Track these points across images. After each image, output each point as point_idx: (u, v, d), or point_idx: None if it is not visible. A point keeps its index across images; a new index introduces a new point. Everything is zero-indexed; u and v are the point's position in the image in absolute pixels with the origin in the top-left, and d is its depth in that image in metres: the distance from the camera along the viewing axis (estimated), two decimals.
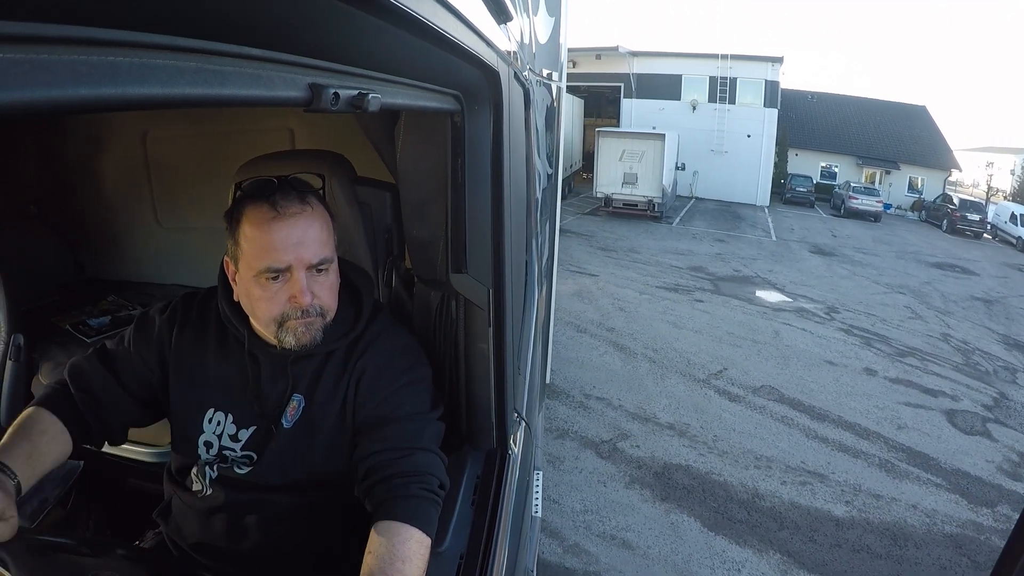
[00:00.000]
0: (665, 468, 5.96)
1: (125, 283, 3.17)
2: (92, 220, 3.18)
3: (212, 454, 1.54)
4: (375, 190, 1.94)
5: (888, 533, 5.39)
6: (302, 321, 1.40)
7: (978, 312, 14.26)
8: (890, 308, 13.33)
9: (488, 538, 1.51)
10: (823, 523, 5.41)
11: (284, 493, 1.51)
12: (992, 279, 18.88)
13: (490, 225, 1.55)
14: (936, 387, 8.97)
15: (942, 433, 7.51)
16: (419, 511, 1.34)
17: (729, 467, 6.11)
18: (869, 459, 6.61)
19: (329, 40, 0.69)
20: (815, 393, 8.15)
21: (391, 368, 1.52)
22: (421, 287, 1.80)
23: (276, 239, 1.35)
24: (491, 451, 1.76)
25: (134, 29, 0.42)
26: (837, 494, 5.89)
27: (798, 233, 23.02)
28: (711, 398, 7.67)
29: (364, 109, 0.80)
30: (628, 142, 22.17)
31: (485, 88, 1.39)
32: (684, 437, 6.60)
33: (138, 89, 0.44)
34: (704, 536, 5.06)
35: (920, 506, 5.87)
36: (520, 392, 2.10)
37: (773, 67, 29.81)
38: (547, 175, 4.37)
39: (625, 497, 5.43)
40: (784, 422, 7.22)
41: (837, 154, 35.56)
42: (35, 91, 0.36)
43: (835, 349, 10.13)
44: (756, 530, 5.20)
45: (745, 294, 13.18)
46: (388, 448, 1.41)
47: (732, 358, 9.12)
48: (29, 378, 2.55)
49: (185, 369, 1.57)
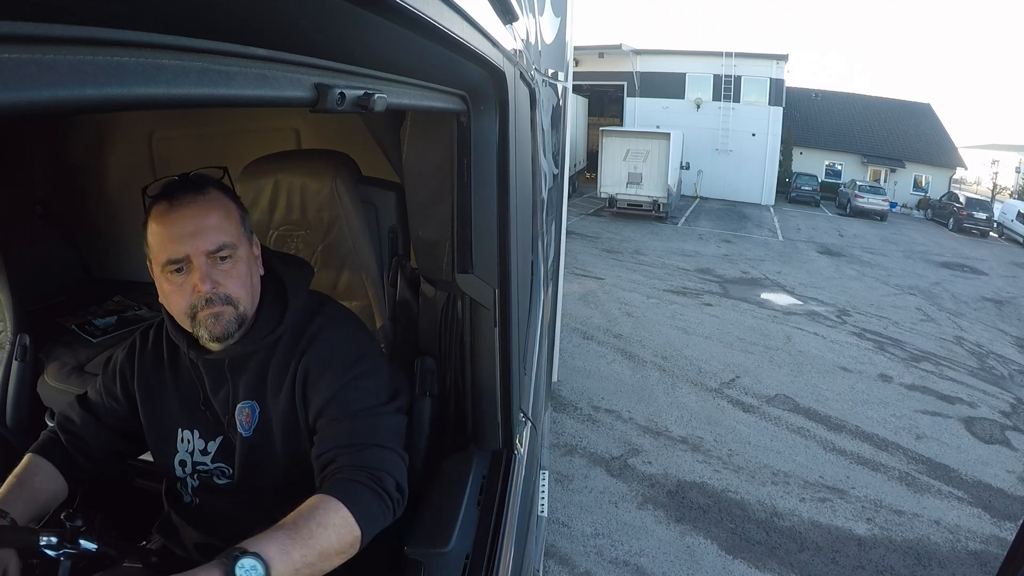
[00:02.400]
0: (679, 486, 5.74)
1: (131, 283, 3.19)
2: (98, 220, 3.19)
3: (187, 472, 1.57)
4: (381, 190, 1.96)
5: (911, 552, 5.18)
6: (208, 311, 1.38)
7: (990, 313, 14.05)
8: (901, 310, 13.12)
9: (494, 538, 1.53)
10: (845, 543, 5.18)
11: (264, 497, 1.52)
12: (1001, 279, 18.64)
13: (496, 225, 1.56)
14: (952, 393, 8.72)
15: (961, 443, 7.27)
16: (356, 495, 1.31)
17: (745, 484, 5.88)
18: (889, 472, 6.38)
19: (335, 40, 0.69)
20: (830, 402, 7.91)
21: (336, 362, 1.49)
22: (427, 287, 1.83)
23: (172, 230, 1.35)
24: (497, 451, 1.78)
25: (140, 29, 0.43)
26: (858, 511, 5.66)
27: (805, 233, 22.80)
28: (724, 409, 7.43)
29: (370, 109, 0.80)
30: (632, 141, 21.92)
31: (491, 88, 1.40)
32: (698, 452, 6.38)
33: (144, 89, 0.44)
34: (722, 560, 4.83)
35: (943, 522, 5.65)
36: (526, 392, 2.12)
37: (778, 65, 29.56)
38: (552, 175, 4.35)
39: (638, 519, 5.21)
40: (800, 434, 6.99)
41: (842, 152, 35.34)
42: (41, 91, 0.36)
43: (848, 354, 9.88)
44: (775, 552, 4.98)
45: (754, 297, 12.95)
46: (338, 446, 1.40)
47: (744, 365, 8.88)
48: (35, 378, 2.57)
49: (150, 396, 1.59)
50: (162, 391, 1.59)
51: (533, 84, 2.23)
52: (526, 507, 1.97)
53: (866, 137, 35.80)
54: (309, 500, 1.29)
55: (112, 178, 3.12)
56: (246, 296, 1.43)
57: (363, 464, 1.36)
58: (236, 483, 1.53)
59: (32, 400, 2.57)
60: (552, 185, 4.33)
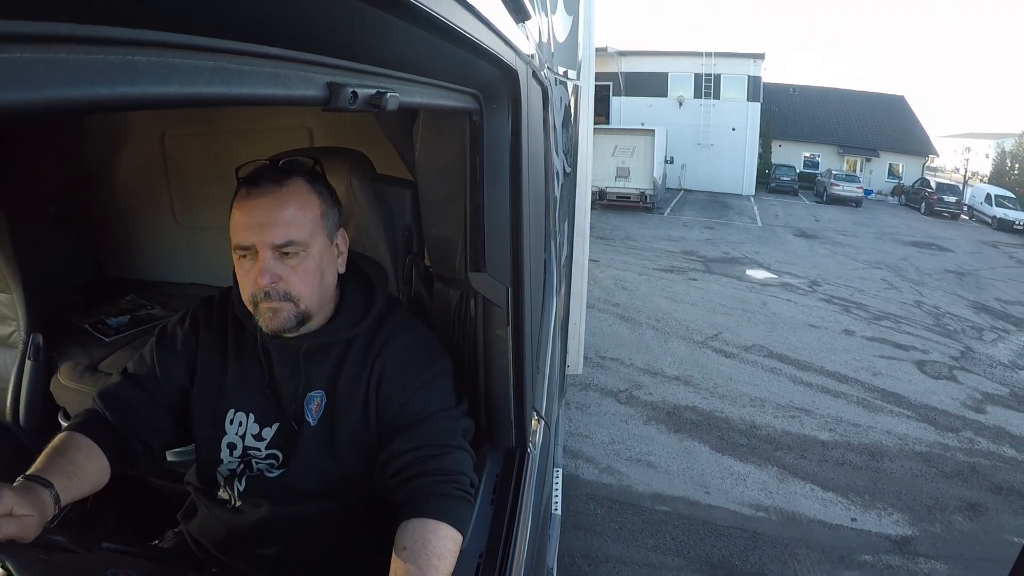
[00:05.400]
0: (675, 408, 6.86)
1: (144, 282, 3.12)
2: (110, 220, 3.12)
3: (236, 456, 1.50)
4: (395, 188, 1.90)
5: (866, 451, 6.30)
6: (267, 305, 1.36)
7: (950, 283, 15.26)
8: (868, 281, 14.24)
9: (507, 537, 1.49)
10: (811, 445, 6.33)
11: (314, 499, 1.48)
12: (966, 255, 19.95)
13: (508, 223, 1.52)
14: (908, 343, 9.89)
15: (912, 378, 8.41)
16: (455, 510, 1.32)
17: (729, 407, 7.02)
18: (848, 398, 7.52)
19: (347, 39, 0.68)
20: (799, 350, 9.06)
21: (412, 364, 1.48)
22: (441, 285, 1.78)
23: (245, 218, 1.33)
24: (510, 450, 1.73)
25: (152, 28, 0.42)
26: (822, 424, 6.82)
27: (783, 219, 23.91)
28: (709, 356, 8.57)
29: (382, 108, 0.79)
30: (620, 138, 23.01)
31: (504, 87, 1.37)
32: (689, 386, 7.48)
33: (156, 88, 0.43)
34: (713, 456, 5.96)
35: (893, 432, 6.78)
36: (539, 391, 2.06)
37: (755, 63, 30.57)
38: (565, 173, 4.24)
39: (644, 431, 6.34)
40: (773, 372, 8.14)
41: (819, 144, 36.37)
42: (53, 90, 0.35)
43: (817, 315, 11.05)
44: (756, 451, 6.12)
45: (734, 272, 14.06)
46: (424, 446, 1.39)
47: (725, 324, 9.99)
48: (48, 378, 2.50)
49: (208, 373, 1.53)
50: (220, 368, 1.53)
51: (546, 83, 2.21)
52: (540, 505, 1.91)
53: (842, 129, 36.90)
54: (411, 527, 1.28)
55: (124, 177, 3.05)
56: (310, 294, 1.39)
57: (448, 469, 1.36)
58: (287, 476, 1.47)
59: (46, 400, 2.50)
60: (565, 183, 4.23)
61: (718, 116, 30.69)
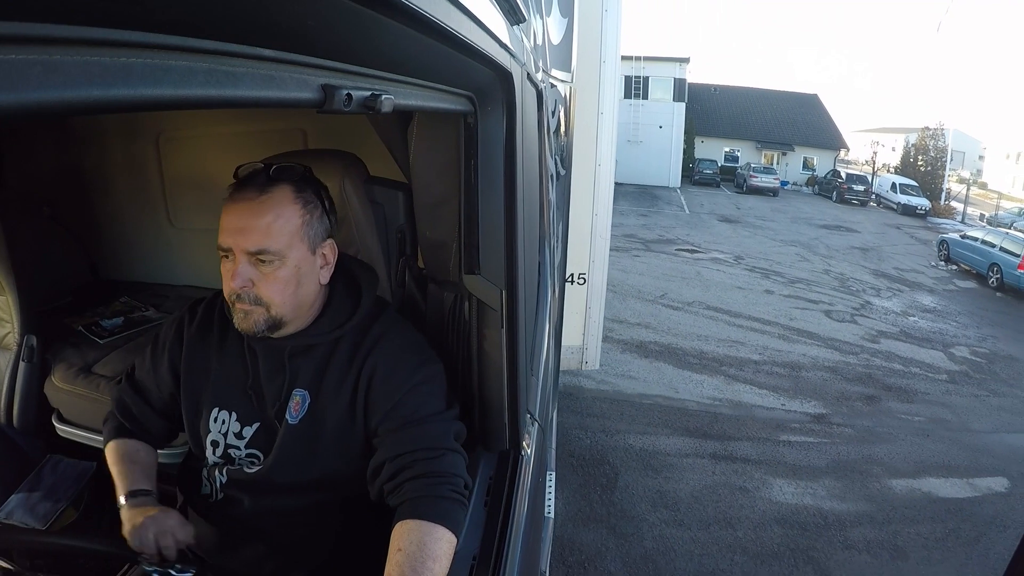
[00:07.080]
0: (642, 343, 9.27)
1: (138, 284, 3.09)
2: (105, 221, 3.09)
3: (218, 455, 1.50)
4: (388, 190, 1.88)
5: (788, 366, 9.03)
6: (240, 306, 1.36)
7: (856, 256, 18.88)
8: (784, 256, 17.66)
9: (501, 540, 1.47)
10: (747, 363, 8.93)
11: (294, 494, 1.47)
12: (871, 235, 23.54)
13: (503, 226, 1.50)
14: (818, 299, 13.06)
15: (821, 321, 11.46)
16: (449, 512, 1.32)
17: (681, 341, 9.55)
18: (771, 334, 10.35)
19: (342, 41, 0.67)
20: (731, 304, 11.90)
21: (401, 367, 1.46)
22: (434, 287, 1.75)
23: (226, 220, 1.34)
24: (504, 452, 1.71)
25: (147, 30, 0.42)
26: (753, 349, 9.54)
27: (707, 207, 26.92)
28: (660, 309, 11.18)
29: (377, 110, 0.78)
30: None
31: (498, 89, 1.35)
32: (649, 329, 9.98)
33: (151, 90, 0.43)
34: (676, 371, 8.36)
35: (808, 354, 9.59)
36: (533, 393, 2.05)
37: (680, 66, 33.69)
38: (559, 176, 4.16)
39: (622, 358, 8.55)
40: (712, 319, 10.86)
41: (739, 140, 38.94)
42: (48, 92, 0.35)
43: (742, 280, 14.15)
44: (707, 367, 8.58)
45: (670, 250, 17.04)
46: (417, 449, 1.37)
47: (669, 288, 12.76)
48: (42, 379, 2.48)
49: (192, 371, 1.54)
50: (204, 366, 1.53)
51: (540, 85, 2.19)
52: (533, 509, 1.89)
53: (760, 125, 39.35)
54: (406, 529, 1.27)
55: (119, 179, 3.02)
56: (281, 302, 1.37)
57: (443, 471, 1.36)
58: (264, 473, 1.46)
59: (39, 402, 2.48)
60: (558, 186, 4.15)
61: (646, 115, 32.97)
